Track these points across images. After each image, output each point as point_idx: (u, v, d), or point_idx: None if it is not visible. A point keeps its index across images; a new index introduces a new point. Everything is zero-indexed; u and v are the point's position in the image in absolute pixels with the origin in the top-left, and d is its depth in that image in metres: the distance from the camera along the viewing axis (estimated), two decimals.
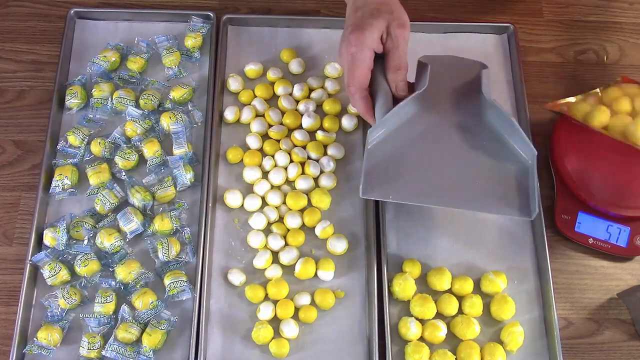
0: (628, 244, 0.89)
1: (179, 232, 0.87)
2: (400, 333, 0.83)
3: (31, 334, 0.82)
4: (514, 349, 0.83)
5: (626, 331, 0.87)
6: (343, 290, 0.86)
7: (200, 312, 0.83)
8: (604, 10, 1.07)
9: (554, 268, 0.88)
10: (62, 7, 1.02)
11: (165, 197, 0.88)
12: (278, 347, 0.81)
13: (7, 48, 1.00)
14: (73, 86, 0.94)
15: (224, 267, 0.87)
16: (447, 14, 1.05)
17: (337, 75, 0.97)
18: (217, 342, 0.83)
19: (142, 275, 0.84)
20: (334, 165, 0.92)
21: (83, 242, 0.85)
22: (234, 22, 1.01)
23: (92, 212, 0.88)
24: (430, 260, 0.88)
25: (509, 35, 1.02)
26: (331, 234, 0.88)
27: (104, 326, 0.81)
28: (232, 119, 0.94)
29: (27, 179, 0.92)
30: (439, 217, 0.90)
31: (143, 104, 0.93)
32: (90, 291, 0.84)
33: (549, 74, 1.02)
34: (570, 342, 0.86)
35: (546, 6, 1.07)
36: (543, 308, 0.86)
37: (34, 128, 0.95)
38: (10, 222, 0.90)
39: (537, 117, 0.97)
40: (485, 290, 0.86)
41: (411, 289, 0.84)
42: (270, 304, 0.84)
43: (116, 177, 0.90)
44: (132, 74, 0.96)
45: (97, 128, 0.93)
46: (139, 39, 0.98)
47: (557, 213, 0.91)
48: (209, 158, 0.90)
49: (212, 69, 0.96)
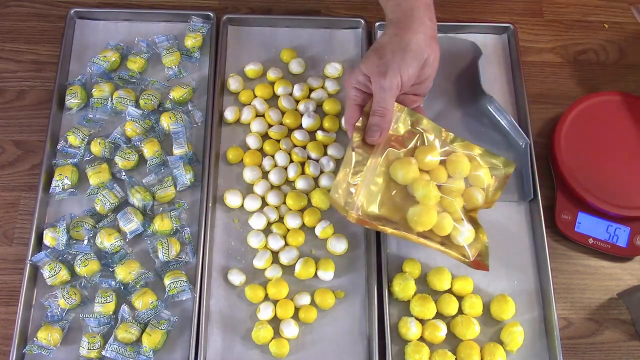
0: (628, 244, 0.89)
1: (179, 232, 0.87)
2: (400, 333, 0.83)
3: (31, 334, 0.82)
4: (514, 349, 0.83)
5: (626, 331, 0.87)
6: (343, 290, 0.86)
7: (200, 312, 0.83)
8: (604, 10, 1.07)
9: (554, 268, 0.88)
10: (62, 7, 1.02)
11: (165, 197, 0.88)
12: (278, 347, 0.81)
13: (7, 48, 1.00)
14: (73, 86, 0.94)
15: (224, 267, 0.87)
16: (447, 14, 1.05)
17: (337, 75, 0.97)
18: (217, 342, 0.83)
19: (142, 275, 0.84)
20: (334, 165, 0.92)
21: (83, 242, 0.85)
22: (234, 22, 1.01)
23: (92, 212, 0.88)
24: (430, 260, 0.88)
25: (509, 35, 1.02)
26: (331, 234, 0.88)
27: (104, 326, 0.81)
28: (232, 119, 0.94)
29: (27, 179, 0.92)
30: None
31: (143, 104, 0.93)
32: (90, 291, 0.84)
33: (549, 74, 1.02)
34: (570, 342, 0.86)
35: (546, 6, 1.07)
36: (543, 308, 0.86)
37: (34, 128, 0.95)
38: (10, 222, 0.90)
39: (537, 117, 0.97)
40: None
41: (411, 289, 0.84)
42: (270, 304, 0.84)
43: (116, 177, 0.90)
44: (132, 74, 0.96)
45: (97, 128, 0.93)
46: (139, 39, 0.98)
47: (557, 213, 0.91)
48: (209, 158, 0.90)
49: (212, 69, 0.96)
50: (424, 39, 0.76)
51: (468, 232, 0.78)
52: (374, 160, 0.78)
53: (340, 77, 0.98)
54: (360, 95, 0.79)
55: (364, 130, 0.78)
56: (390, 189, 0.79)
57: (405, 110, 0.80)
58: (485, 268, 0.80)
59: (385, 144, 0.79)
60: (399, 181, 0.78)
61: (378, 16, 1.02)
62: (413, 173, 0.78)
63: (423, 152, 0.79)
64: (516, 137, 0.93)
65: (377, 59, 0.75)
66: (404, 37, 0.76)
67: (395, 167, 0.78)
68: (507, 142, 0.94)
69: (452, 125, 0.93)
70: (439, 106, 0.95)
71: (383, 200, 0.78)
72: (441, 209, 0.79)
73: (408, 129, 0.80)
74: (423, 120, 0.80)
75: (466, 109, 0.95)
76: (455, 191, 0.79)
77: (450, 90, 0.96)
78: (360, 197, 0.77)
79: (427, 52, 0.76)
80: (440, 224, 0.78)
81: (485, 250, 0.79)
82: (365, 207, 0.77)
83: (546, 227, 0.88)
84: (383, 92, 0.75)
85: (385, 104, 0.76)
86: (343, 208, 0.78)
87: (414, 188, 0.78)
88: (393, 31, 0.77)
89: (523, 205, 0.92)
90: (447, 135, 0.81)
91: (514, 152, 0.93)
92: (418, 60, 0.76)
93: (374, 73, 0.75)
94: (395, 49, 0.75)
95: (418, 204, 0.78)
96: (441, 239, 0.79)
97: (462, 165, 0.80)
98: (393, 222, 0.78)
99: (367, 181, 0.78)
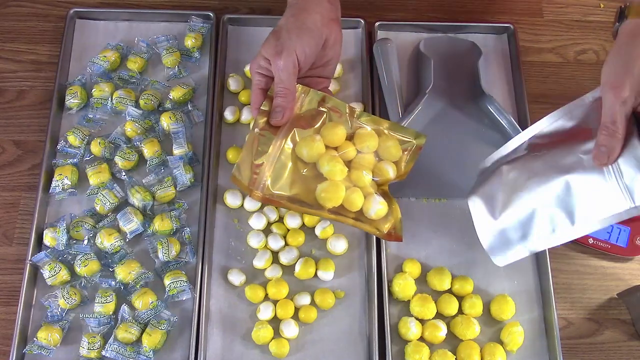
0: (628, 244, 0.89)
1: (179, 232, 0.87)
2: (400, 333, 0.83)
3: (31, 334, 0.82)
4: (514, 349, 0.83)
5: (626, 331, 0.87)
6: (343, 290, 0.86)
7: (200, 312, 0.83)
8: (604, 10, 1.07)
9: (554, 268, 0.88)
10: (62, 7, 1.02)
11: (165, 197, 0.88)
12: (278, 347, 0.81)
13: (7, 48, 1.00)
14: (73, 86, 0.94)
15: (224, 267, 0.87)
16: (447, 14, 1.05)
17: (337, 75, 0.97)
18: (217, 342, 0.83)
19: (142, 275, 0.84)
20: None
21: (83, 242, 0.85)
22: (234, 22, 1.01)
23: (92, 212, 0.88)
24: (430, 260, 0.88)
25: (509, 35, 1.02)
26: (331, 234, 0.88)
27: (104, 326, 0.81)
28: (232, 119, 0.94)
29: (27, 179, 0.92)
30: (439, 217, 0.90)
31: (143, 104, 0.93)
32: (90, 291, 0.84)
33: (549, 74, 1.02)
34: (570, 342, 0.86)
35: (546, 6, 1.07)
36: (543, 308, 0.86)
37: (34, 128, 0.95)
38: (10, 222, 0.90)
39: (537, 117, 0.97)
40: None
41: (411, 289, 0.84)
42: (270, 304, 0.84)
43: (116, 177, 0.90)
44: (132, 74, 0.96)
45: (97, 128, 0.93)
46: (139, 39, 0.98)
47: None
48: (209, 158, 0.90)
49: (212, 69, 0.96)
50: (321, 19, 0.78)
51: (380, 205, 0.79)
52: (279, 140, 0.79)
53: (339, 77, 0.98)
54: (263, 79, 0.80)
55: (268, 113, 0.79)
56: (300, 169, 0.79)
57: (310, 91, 0.81)
58: (399, 239, 0.80)
59: (291, 124, 0.80)
60: (305, 159, 0.79)
61: (378, 16, 1.02)
62: (317, 149, 0.79)
63: (328, 128, 0.80)
64: None
65: (274, 41, 0.77)
66: (299, 17, 0.77)
67: (300, 145, 0.79)
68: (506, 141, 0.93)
69: (452, 125, 0.94)
70: (439, 106, 0.95)
71: (294, 180, 0.78)
72: (351, 184, 0.79)
73: (314, 109, 0.81)
74: (329, 100, 0.81)
75: (466, 109, 0.95)
76: (365, 165, 0.80)
77: (450, 90, 0.96)
78: (266, 176, 0.78)
79: (325, 32, 0.78)
80: (349, 198, 0.78)
81: (398, 223, 0.80)
82: (270, 186, 0.78)
83: None
84: (280, 71, 0.77)
85: (285, 84, 0.78)
86: (247, 187, 0.79)
87: (319, 165, 0.79)
88: (290, 12, 0.79)
89: None
90: (353, 111, 0.82)
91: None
92: (314, 39, 0.77)
93: (271, 54, 0.77)
94: (291, 28, 0.77)
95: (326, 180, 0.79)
96: (354, 214, 0.79)
97: (370, 139, 0.81)
98: (304, 201, 0.79)
99: (272, 161, 0.78)
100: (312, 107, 0.81)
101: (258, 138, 0.79)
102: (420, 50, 0.97)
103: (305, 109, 0.81)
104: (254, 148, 0.79)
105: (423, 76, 0.95)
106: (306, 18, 0.77)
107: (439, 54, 0.96)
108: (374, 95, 0.95)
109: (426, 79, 0.94)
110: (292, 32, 0.77)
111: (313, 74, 0.83)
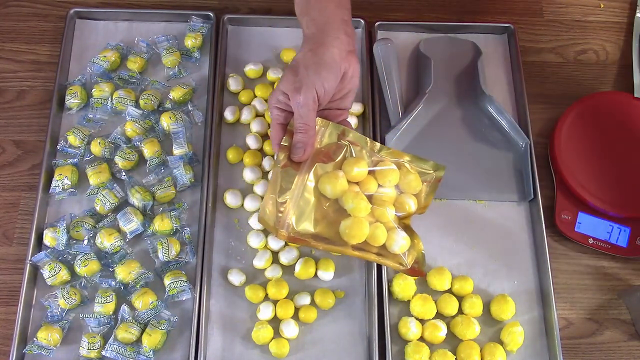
0: (628, 244, 0.89)
1: (179, 232, 0.87)
2: (400, 333, 0.83)
3: (31, 334, 0.82)
4: (514, 349, 0.83)
5: (626, 331, 0.87)
6: (343, 290, 0.86)
7: (200, 312, 0.83)
8: (604, 10, 1.07)
9: (554, 268, 0.88)
10: (62, 7, 1.02)
11: (165, 197, 0.88)
12: (278, 347, 0.81)
13: (7, 48, 1.00)
14: (73, 86, 0.94)
15: (224, 267, 0.87)
16: (447, 14, 1.05)
17: None
18: (217, 342, 0.83)
19: (142, 275, 0.84)
20: None
21: (83, 242, 0.85)
22: (234, 22, 1.01)
23: (92, 212, 0.88)
24: (430, 260, 0.88)
25: (509, 35, 1.02)
26: None
27: (104, 326, 0.81)
28: (232, 119, 0.94)
29: (27, 179, 0.92)
30: (439, 217, 0.90)
31: (143, 104, 0.93)
32: (90, 291, 0.84)
33: (549, 74, 1.02)
34: (570, 342, 0.86)
35: (546, 6, 1.07)
36: (543, 308, 0.86)
37: (34, 128, 0.95)
38: (10, 222, 0.90)
39: (537, 117, 0.97)
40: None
41: (411, 289, 0.84)
42: (270, 304, 0.84)
43: (116, 177, 0.90)
44: (132, 74, 0.96)
45: (97, 128, 0.93)
46: (139, 39, 0.98)
47: (557, 213, 0.91)
48: (209, 158, 0.90)
49: (212, 69, 0.96)
50: (339, 53, 0.76)
51: (403, 240, 0.77)
52: (301, 177, 0.77)
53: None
54: (282, 114, 0.79)
55: (289, 149, 0.78)
56: (322, 205, 0.78)
57: (330, 124, 0.80)
58: (422, 274, 0.79)
59: (312, 159, 0.78)
60: (328, 195, 0.78)
61: (378, 16, 1.02)
62: (341, 186, 0.77)
63: (350, 164, 0.78)
64: (516, 137, 0.93)
65: (292, 76, 0.76)
66: (317, 52, 0.76)
67: (323, 181, 0.77)
68: (507, 142, 0.94)
69: (452, 125, 0.94)
70: (439, 106, 0.95)
71: (317, 218, 0.77)
72: (373, 219, 0.78)
73: (335, 143, 0.80)
74: (349, 133, 0.80)
75: (466, 109, 0.96)
76: (386, 200, 0.79)
77: (450, 90, 0.96)
78: (290, 215, 0.76)
79: (344, 66, 0.76)
80: (373, 234, 0.77)
81: (421, 257, 0.79)
82: (295, 224, 0.76)
83: (546, 227, 0.88)
84: (300, 108, 0.75)
85: (305, 120, 0.76)
86: (273, 227, 0.78)
87: (343, 201, 0.77)
88: (308, 47, 0.77)
89: (523, 205, 0.92)
90: (374, 145, 0.80)
91: (513, 152, 0.93)
92: (334, 74, 0.76)
93: (290, 90, 0.76)
94: (309, 64, 0.75)
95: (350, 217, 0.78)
96: (377, 249, 0.78)
97: (391, 173, 0.79)
98: (328, 238, 0.77)
99: (295, 198, 0.77)
100: (332, 141, 0.80)
101: (281, 175, 0.78)
102: (420, 51, 0.97)
103: (325, 143, 0.80)
104: (277, 185, 0.77)
105: (423, 76, 0.96)
106: (324, 52, 0.76)
107: (439, 54, 0.96)
108: (374, 95, 0.95)
109: (426, 79, 0.94)
110: (310, 67, 0.75)
111: (331, 106, 0.82)
